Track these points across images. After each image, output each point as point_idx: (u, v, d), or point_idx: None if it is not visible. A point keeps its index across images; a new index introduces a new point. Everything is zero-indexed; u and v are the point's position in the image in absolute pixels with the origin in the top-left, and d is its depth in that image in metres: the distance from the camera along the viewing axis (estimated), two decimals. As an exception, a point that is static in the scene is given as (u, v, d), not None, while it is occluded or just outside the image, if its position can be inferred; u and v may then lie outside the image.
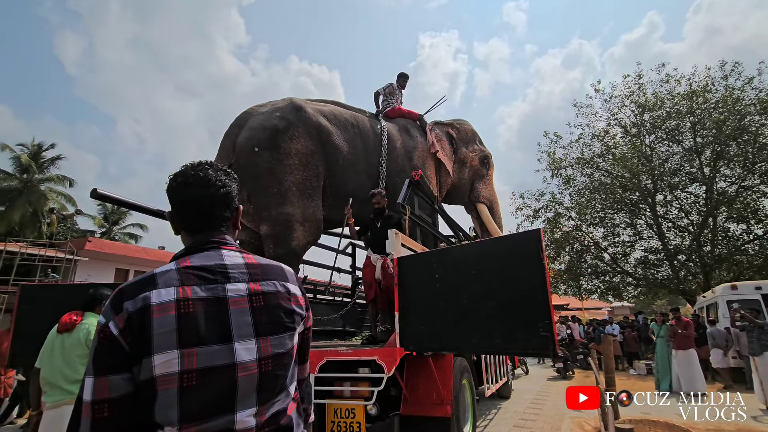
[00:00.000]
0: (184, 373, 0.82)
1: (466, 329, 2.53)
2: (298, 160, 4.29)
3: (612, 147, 15.18)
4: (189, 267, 0.93)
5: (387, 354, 2.88)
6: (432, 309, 2.76)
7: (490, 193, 6.20)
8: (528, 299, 2.26)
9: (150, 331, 0.83)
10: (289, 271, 1.06)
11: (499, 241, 2.83)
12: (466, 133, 6.25)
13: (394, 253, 3.12)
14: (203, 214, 1.02)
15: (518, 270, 2.35)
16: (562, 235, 15.88)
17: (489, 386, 5.24)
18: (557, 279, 16.40)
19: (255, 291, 0.95)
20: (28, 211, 18.08)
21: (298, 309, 1.01)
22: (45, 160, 20.17)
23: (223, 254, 0.98)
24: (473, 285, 2.54)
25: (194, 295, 0.89)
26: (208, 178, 1.01)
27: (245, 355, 0.88)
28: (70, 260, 11.87)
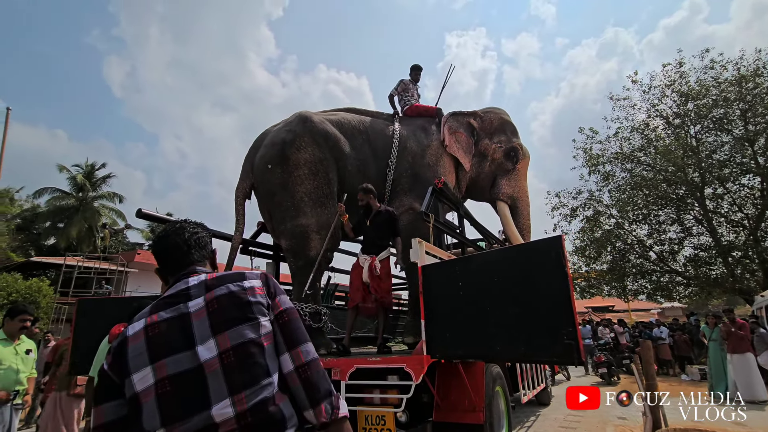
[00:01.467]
0: (158, 382, 0.93)
1: (490, 337, 2.52)
2: (308, 170, 4.32)
3: (654, 140, 14.42)
4: (160, 299, 1.08)
5: (414, 361, 2.90)
6: (456, 316, 2.76)
7: (513, 190, 5.37)
8: (551, 306, 2.23)
9: (126, 357, 0.97)
10: (252, 273, 1.14)
11: (520, 248, 2.80)
12: (490, 123, 5.49)
13: (418, 261, 3.15)
14: (180, 256, 1.18)
15: (541, 276, 2.32)
16: (602, 233, 15.25)
17: (525, 392, 5.13)
18: (599, 280, 15.76)
19: (210, 298, 1.03)
20: (83, 227, 19.49)
21: (255, 298, 1.05)
22: (98, 179, 21.69)
23: (189, 280, 1.09)
24: (496, 292, 2.53)
25: (159, 318, 1.01)
26: (183, 227, 1.22)
27: (206, 353, 0.96)
28: (121, 272, 12.67)
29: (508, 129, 5.48)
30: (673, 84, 14.09)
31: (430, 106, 5.55)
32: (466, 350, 2.71)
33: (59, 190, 20.40)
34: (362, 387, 3.17)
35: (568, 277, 2.19)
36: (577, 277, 16.16)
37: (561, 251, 2.25)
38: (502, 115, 5.57)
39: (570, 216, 15.95)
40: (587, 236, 15.54)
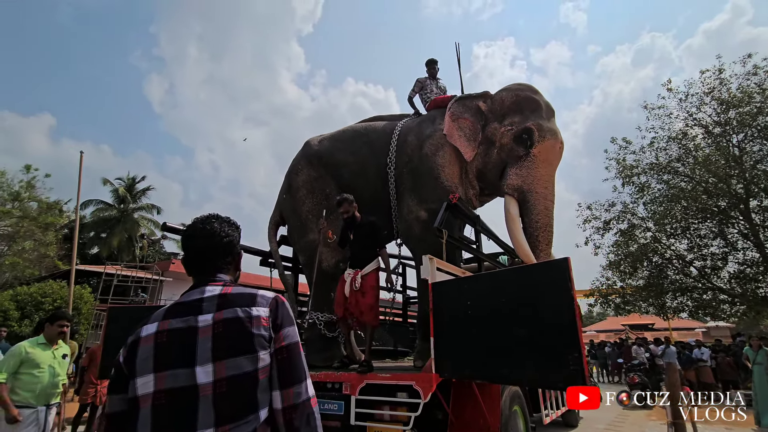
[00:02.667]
0: (156, 393, 0.97)
1: (496, 358, 2.48)
2: (306, 190, 4.76)
3: (693, 149, 13.76)
4: (175, 303, 1.11)
5: (423, 379, 2.89)
6: (464, 336, 2.74)
7: (523, 181, 4.28)
8: (557, 331, 2.18)
9: (136, 357, 1.02)
10: (262, 297, 1.10)
11: (527, 270, 2.75)
12: (501, 103, 4.61)
13: (428, 278, 3.15)
14: (205, 261, 1.18)
15: (547, 300, 2.28)
16: (638, 247, 14.59)
17: (548, 413, 4.95)
18: (636, 296, 15.04)
19: (217, 319, 1.03)
20: (124, 237, 20.57)
21: (258, 331, 1.03)
22: (138, 191, 22.89)
23: (205, 289, 1.10)
24: (503, 313, 2.49)
25: (170, 326, 1.04)
26: (212, 230, 1.19)
27: (203, 377, 0.97)
28: (156, 281, 13.23)
29: (526, 107, 4.49)
30: (713, 91, 13.45)
31: (449, 96, 5.05)
32: (474, 371, 2.67)
33: (103, 202, 21.67)
34: (372, 403, 3.18)
35: (574, 301, 2.14)
36: (612, 292, 15.51)
37: (568, 274, 2.20)
38: (520, 92, 4.63)
39: (603, 229, 15.37)
40: (622, 250, 14.92)
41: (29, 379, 3.20)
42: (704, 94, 13.63)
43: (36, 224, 13.08)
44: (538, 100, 4.51)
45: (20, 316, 9.68)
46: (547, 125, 4.36)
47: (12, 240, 12.83)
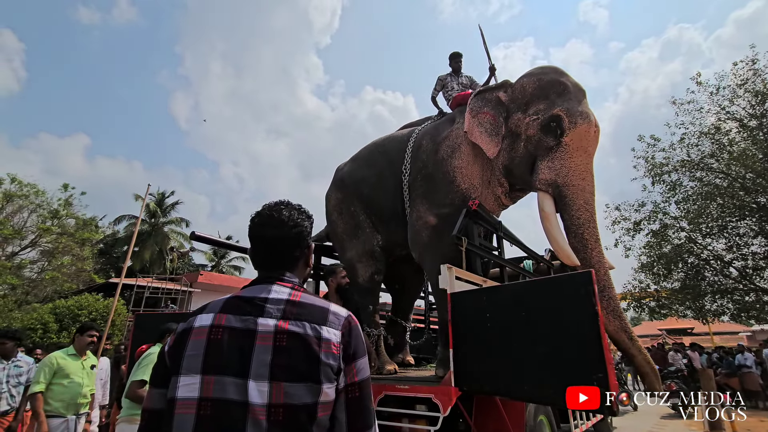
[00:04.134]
0: (202, 401, 0.84)
1: (517, 374, 2.39)
2: (336, 213, 4.98)
3: (727, 144, 13.14)
4: (235, 297, 0.97)
5: (442, 392, 2.83)
6: (483, 349, 2.66)
7: (556, 174, 3.76)
8: (581, 349, 2.07)
9: (184, 351, 0.89)
10: (335, 315, 0.95)
11: (547, 283, 2.65)
12: (522, 91, 4.14)
13: (447, 288, 3.10)
14: (273, 253, 1.06)
15: (570, 315, 2.17)
16: (672, 248, 14.00)
17: (578, 424, 4.76)
18: (672, 300, 14.40)
19: (281, 329, 0.89)
20: (155, 251, 21.31)
21: (326, 358, 0.88)
22: (167, 206, 23.71)
23: (271, 288, 0.98)
24: (523, 327, 2.40)
25: (227, 323, 0.90)
26: (281, 219, 1.05)
27: (256, 396, 0.83)
28: (185, 292, 13.60)
29: (552, 92, 3.97)
30: (746, 83, 12.84)
31: (470, 92, 4.66)
32: (493, 386, 2.59)
33: (135, 217, 22.53)
34: (391, 415, 3.14)
35: (598, 316, 2.03)
36: (645, 296, 14.91)
37: (591, 288, 2.10)
38: (543, 75, 4.11)
39: (633, 230, 14.84)
40: (654, 252, 14.35)
41: (60, 389, 3.32)
42: (737, 87, 13.03)
43: (73, 240, 13.73)
44: (564, 82, 3.99)
45: (59, 328, 10.13)
46: (578, 108, 3.80)
47: (52, 255, 13.50)
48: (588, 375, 2.00)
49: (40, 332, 9.74)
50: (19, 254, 13.47)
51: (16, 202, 13.05)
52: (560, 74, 4.10)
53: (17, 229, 12.99)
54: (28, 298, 12.71)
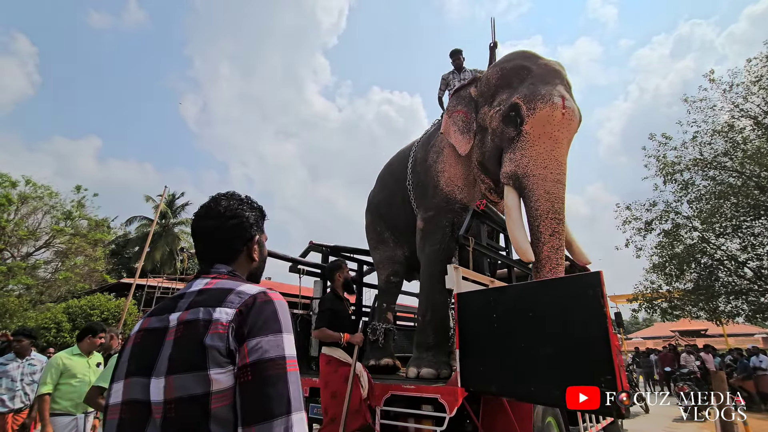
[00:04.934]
0: (123, 404, 0.82)
1: (523, 375, 2.37)
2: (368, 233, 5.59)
3: (741, 142, 12.90)
4: (169, 297, 0.94)
5: (448, 393, 2.82)
6: (490, 350, 2.65)
7: (516, 165, 3.50)
8: (588, 351, 2.05)
9: (119, 359, 0.88)
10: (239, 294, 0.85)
11: (555, 283, 2.62)
12: (488, 83, 3.97)
13: (453, 288, 3.08)
14: (209, 245, 1.00)
15: (577, 317, 2.14)
16: (684, 248, 13.78)
17: (587, 426, 4.71)
18: (684, 300, 14.17)
19: (179, 321, 0.83)
20: (166, 251, 21.56)
21: (211, 341, 0.78)
22: (177, 207, 23.96)
23: (194, 283, 0.94)
24: (530, 329, 2.38)
25: (149, 326, 0.87)
26: (218, 210, 1.00)
27: (156, 394, 0.78)
28: (195, 292, 13.74)
29: (515, 79, 3.74)
30: (761, 80, 12.60)
31: None
32: (500, 387, 2.57)
33: (146, 218, 22.83)
34: (397, 414, 3.13)
35: (607, 318, 2.00)
36: (657, 297, 14.70)
37: (600, 290, 2.07)
38: (507, 64, 3.91)
39: (644, 230, 14.64)
40: (666, 252, 14.13)
41: (67, 388, 3.34)
42: (751, 83, 12.79)
43: (86, 241, 13.95)
44: (527, 66, 3.74)
45: (72, 327, 10.29)
46: (540, 92, 3.49)
47: (65, 256, 13.74)
48: (596, 376, 1.98)
49: (54, 331, 9.91)
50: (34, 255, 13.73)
51: (30, 204, 13.31)
52: (525, 58, 3.86)
53: (32, 230, 13.24)
54: (42, 298, 12.94)
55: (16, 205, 12.87)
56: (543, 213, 3.35)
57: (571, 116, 3.46)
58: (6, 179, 12.80)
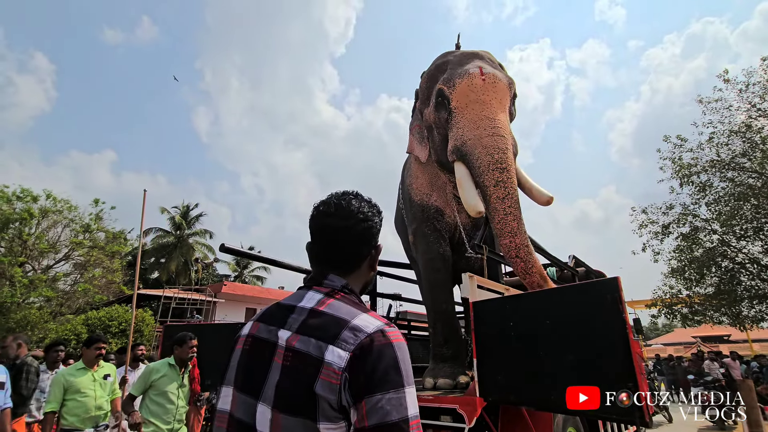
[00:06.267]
0: (231, 417, 0.78)
1: (542, 384, 2.33)
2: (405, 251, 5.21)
3: (759, 143, 12.62)
4: (277, 303, 0.88)
5: (467, 403, 2.78)
6: (507, 359, 2.61)
7: (455, 140, 3.51)
8: (608, 357, 2.01)
9: (230, 360, 0.85)
10: (354, 330, 0.73)
11: (572, 290, 2.58)
12: (422, 90, 4.11)
13: (469, 297, 3.06)
14: (334, 247, 0.90)
15: (596, 323, 2.11)
16: (704, 252, 13.48)
17: (610, 436, 4.60)
18: (705, 305, 13.82)
19: (289, 346, 0.75)
20: (180, 262, 21.86)
21: (321, 390, 0.68)
22: (192, 218, 24.32)
23: (305, 295, 0.85)
24: (548, 336, 2.35)
25: (257, 333, 0.82)
26: (350, 210, 0.90)
27: (262, 424, 0.72)
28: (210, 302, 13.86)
29: (439, 75, 3.85)
30: (778, 78, 12.35)
31: None
32: (519, 396, 2.53)
33: (161, 230, 23.23)
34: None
35: (626, 325, 1.97)
36: (677, 302, 14.36)
37: (618, 296, 2.04)
38: (432, 65, 4.07)
39: (662, 234, 14.37)
40: (685, 256, 13.85)
41: (74, 404, 3.30)
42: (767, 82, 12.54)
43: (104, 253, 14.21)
44: (447, 59, 3.89)
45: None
46: (457, 71, 3.62)
47: (83, 268, 14.01)
48: (616, 383, 1.94)
49: (74, 343, 10.09)
50: (54, 267, 14.03)
51: (51, 218, 13.63)
52: (445, 55, 4.01)
53: (52, 243, 13.55)
54: (62, 310, 13.20)
55: (37, 219, 13.21)
56: (484, 167, 3.27)
57: (493, 80, 3.50)
58: (28, 194, 13.15)
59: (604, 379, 2.05)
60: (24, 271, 12.70)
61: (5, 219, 12.39)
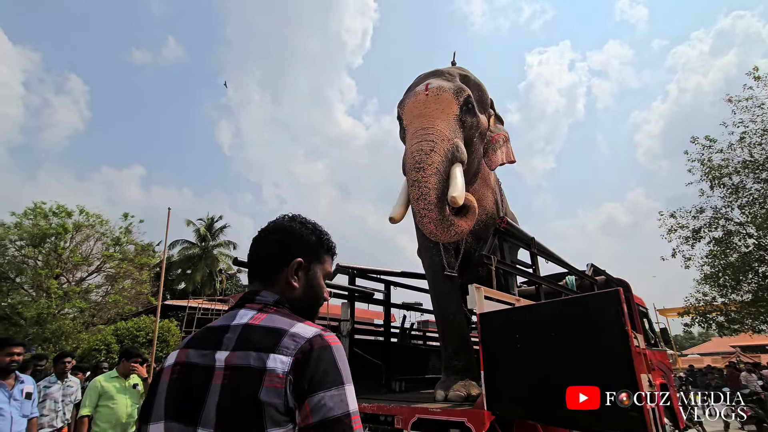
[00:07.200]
0: None
1: (548, 397, 2.29)
2: None
3: (796, 141, 12.01)
4: (206, 327, 0.86)
5: (475, 416, 2.75)
6: (514, 371, 2.58)
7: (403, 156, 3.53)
8: (611, 371, 1.97)
9: (155, 394, 0.81)
10: (294, 337, 0.75)
11: (575, 302, 2.54)
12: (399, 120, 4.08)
13: (476, 309, 3.04)
14: (254, 262, 0.93)
15: (598, 335, 2.07)
16: (739, 257, 12.85)
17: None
18: (743, 313, 13.13)
19: (228, 364, 0.74)
20: (206, 273, 22.44)
21: (267, 396, 0.69)
22: (216, 229, 24.96)
23: (238, 313, 0.83)
24: (553, 349, 2.31)
25: (187, 359, 0.80)
26: (269, 226, 0.94)
27: None
28: (233, 313, 14.14)
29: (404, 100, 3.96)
30: (813, 74, 11.76)
31: None
32: (526, 410, 2.49)
33: (187, 242, 23.94)
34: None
35: (628, 337, 1.93)
36: (711, 310, 13.71)
37: (620, 308, 2.00)
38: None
39: (692, 238, 13.79)
40: (719, 261, 13.24)
41: (106, 411, 3.51)
42: (803, 78, 11.96)
43: (133, 265, 14.76)
44: (411, 84, 4.02)
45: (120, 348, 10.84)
46: (408, 93, 3.78)
47: (114, 280, 14.57)
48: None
49: (104, 352, 10.47)
50: (87, 279, 14.65)
51: (84, 232, 14.28)
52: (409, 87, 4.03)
53: (85, 256, 14.17)
54: (95, 320, 13.74)
55: (71, 234, 13.87)
56: (408, 169, 3.29)
57: (436, 92, 3.53)
58: (62, 209, 13.85)
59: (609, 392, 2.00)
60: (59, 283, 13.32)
61: (42, 234, 13.07)
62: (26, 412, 2.93)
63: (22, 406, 2.89)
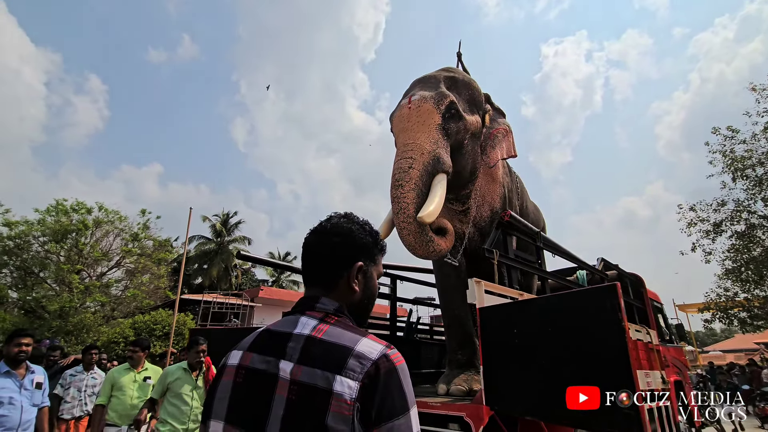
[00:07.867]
0: None
1: (546, 394, 2.25)
2: None
3: (824, 131, 11.51)
4: (266, 330, 0.85)
5: (473, 411, 2.73)
6: (513, 366, 2.54)
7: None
8: (608, 368, 1.93)
9: (216, 392, 0.82)
10: (359, 358, 0.73)
11: (572, 296, 2.49)
12: None
13: (476, 303, 3.01)
14: (311, 266, 0.91)
15: (595, 332, 2.03)
16: (762, 251, 12.42)
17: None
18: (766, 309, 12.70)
19: (293, 379, 0.73)
20: (221, 268, 22.82)
21: (334, 422, 0.68)
22: (231, 225, 25.35)
23: (299, 320, 0.82)
24: (551, 344, 2.27)
25: (251, 364, 0.79)
26: (325, 227, 0.92)
27: None
28: (247, 307, 14.36)
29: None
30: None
31: None
32: (525, 406, 2.46)
33: (204, 237, 24.37)
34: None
35: (625, 333, 1.88)
36: (733, 305, 13.31)
37: (617, 303, 1.95)
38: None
39: (713, 232, 13.38)
40: (741, 255, 12.82)
41: (115, 401, 3.67)
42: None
43: (151, 260, 15.13)
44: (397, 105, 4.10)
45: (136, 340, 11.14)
46: (396, 106, 3.89)
47: (133, 275, 14.96)
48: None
49: (122, 345, 10.78)
50: (107, 274, 15.08)
51: (103, 228, 14.68)
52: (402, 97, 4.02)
53: (104, 251, 14.58)
54: (114, 314, 14.14)
55: (91, 230, 14.27)
56: (391, 186, 3.40)
57: (417, 105, 3.59)
58: (83, 207, 14.26)
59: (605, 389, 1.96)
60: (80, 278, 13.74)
61: (64, 230, 13.48)
62: (36, 402, 3.04)
63: (32, 396, 3.00)
